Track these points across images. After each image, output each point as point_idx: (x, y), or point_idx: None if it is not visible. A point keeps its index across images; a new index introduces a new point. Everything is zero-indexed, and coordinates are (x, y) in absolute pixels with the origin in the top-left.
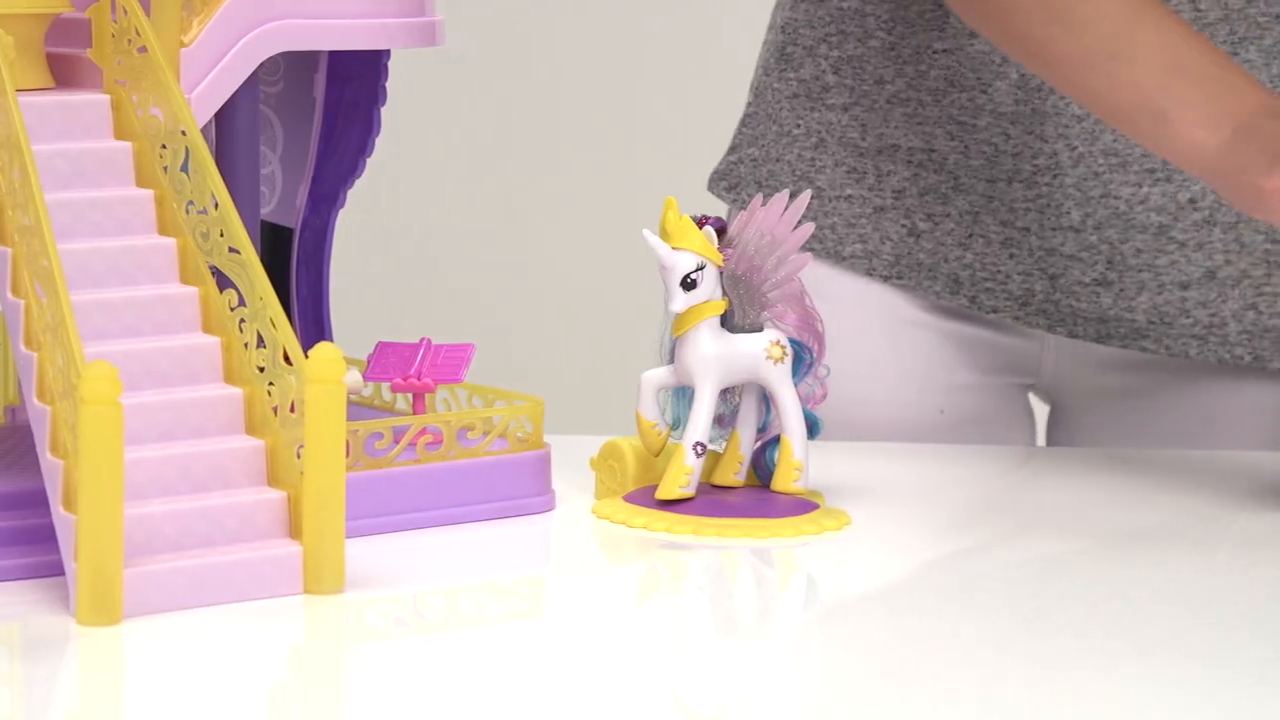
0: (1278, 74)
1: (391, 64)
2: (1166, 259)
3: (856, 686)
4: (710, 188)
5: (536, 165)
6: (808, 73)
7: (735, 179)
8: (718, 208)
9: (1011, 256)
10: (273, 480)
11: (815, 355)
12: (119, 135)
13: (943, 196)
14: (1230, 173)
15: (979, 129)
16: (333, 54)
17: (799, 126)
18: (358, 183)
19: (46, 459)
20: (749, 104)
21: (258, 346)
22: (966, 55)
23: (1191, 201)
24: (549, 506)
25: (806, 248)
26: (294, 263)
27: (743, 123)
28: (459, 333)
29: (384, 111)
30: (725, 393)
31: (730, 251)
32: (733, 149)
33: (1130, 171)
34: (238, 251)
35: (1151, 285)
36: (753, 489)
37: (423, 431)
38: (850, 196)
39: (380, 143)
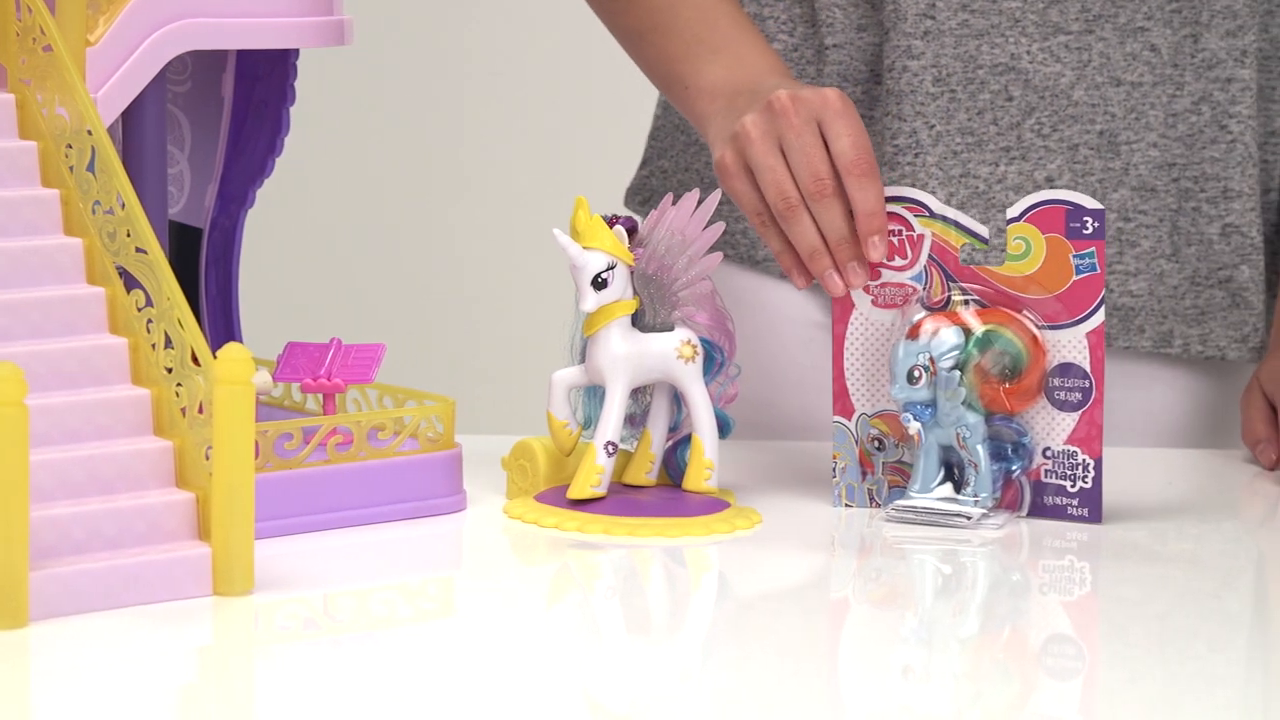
0: (1129, 53)
1: (300, 63)
2: None
3: (768, 684)
4: (626, 203)
5: (446, 165)
6: None
7: (649, 192)
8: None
9: None
10: (181, 481)
11: (726, 354)
12: (24, 135)
13: None
14: (706, 140)
15: (873, 120)
16: (241, 53)
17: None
18: (266, 182)
19: None
20: (656, 117)
21: (165, 347)
22: (856, 49)
23: (1049, 180)
24: (460, 506)
25: (717, 249)
26: (203, 263)
27: (651, 136)
28: (369, 333)
29: (292, 111)
30: (636, 392)
31: (641, 251)
32: (644, 163)
33: (986, 150)
34: (145, 252)
35: None
36: (664, 488)
37: (333, 432)
38: None
39: (289, 142)
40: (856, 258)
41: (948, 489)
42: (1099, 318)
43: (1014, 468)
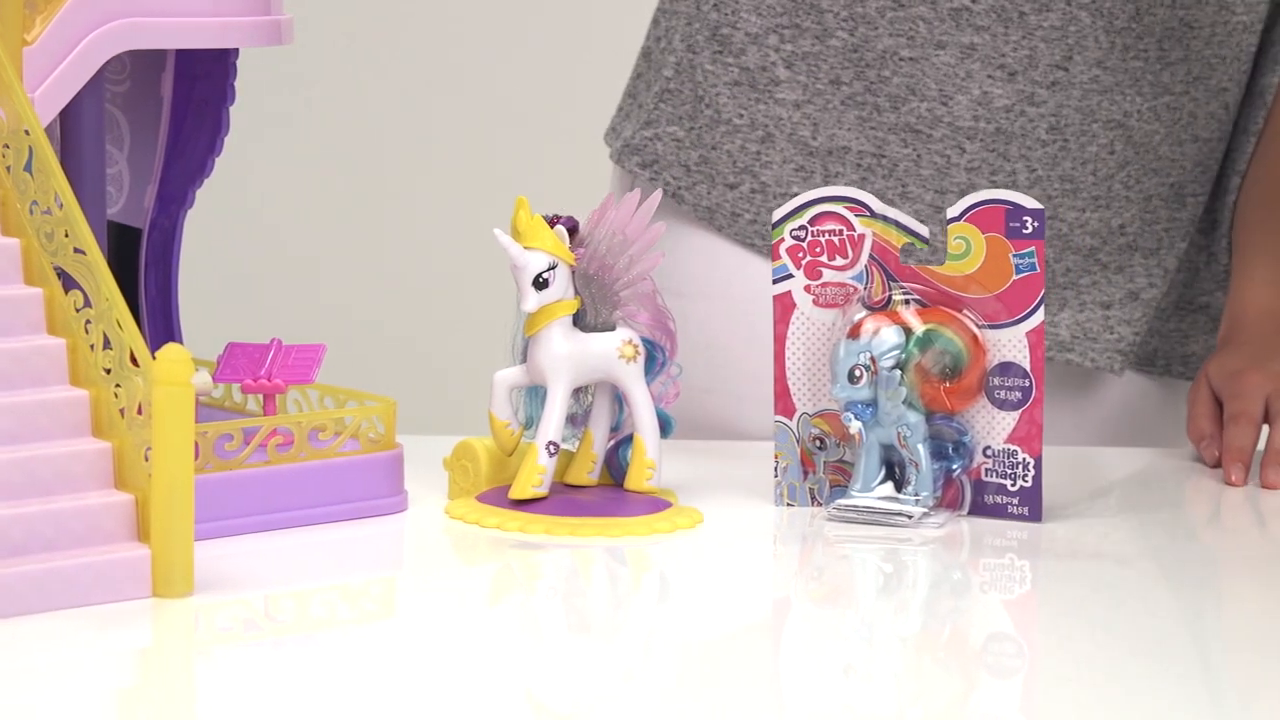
0: (1210, 112)
1: (240, 62)
2: (1089, 279)
3: (710, 683)
4: (621, 160)
5: (387, 164)
6: (752, 61)
7: (653, 155)
8: (570, 206)
9: None
10: (120, 483)
11: (668, 354)
12: None
13: (890, 202)
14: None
15: (934, 139)
16: (180, 53)
17: (741, 117)
18: (206, 183)
19: None
20: (668, 79)
21: (104, 348)
22: (931, 65)
23: (1121, 227)
24: (401, 507)
25: (747, 243)
26: (142, 263)
27: (661, 98)
28: (310, 333)
29: (232, 111)
30: (578, 392)
31: (582, 251)
32: (648, 124)
33: (1079, 198)
34: (83, 252)
35: (1074, 303)
36: (606, 488)
37: (273, 433)
38: (796, 195)
39: (229, 142)
40: None
41: (889, 488)
42: (1039, 317)
43: (955, 466)
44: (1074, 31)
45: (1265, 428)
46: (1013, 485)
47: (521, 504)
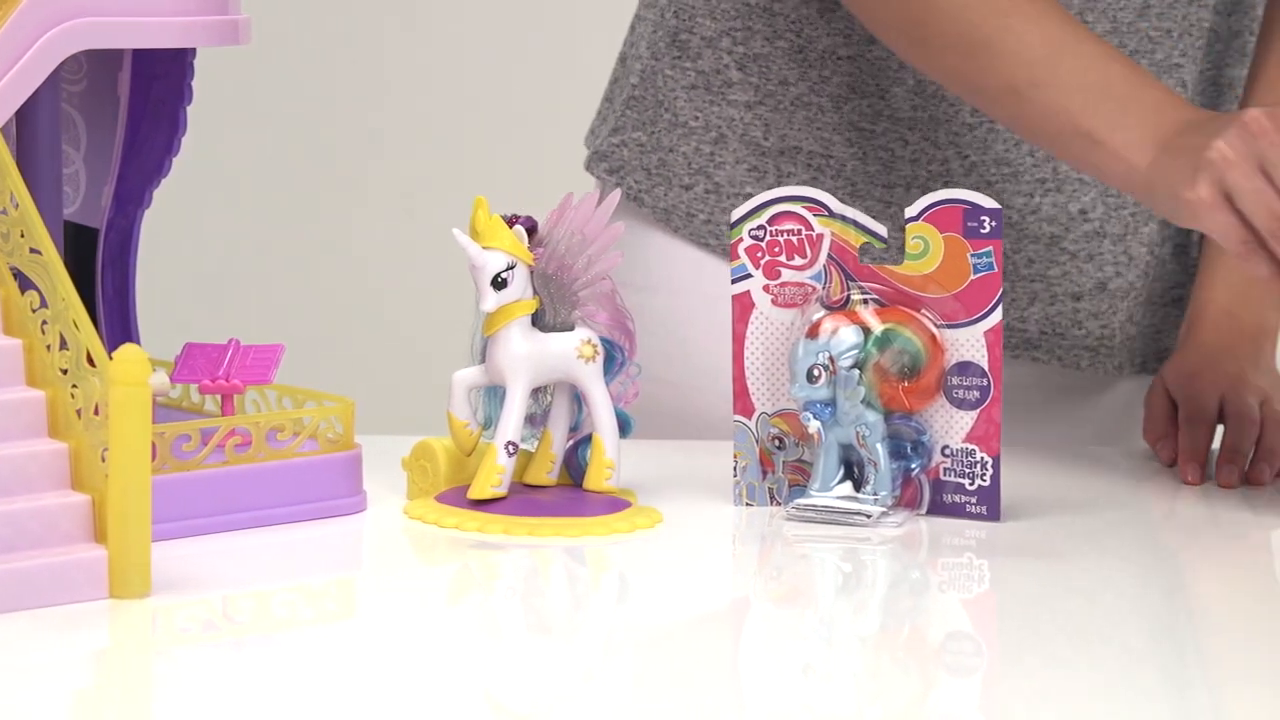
0: (1170, 89)
1: (197, 62)
2: (1058, 269)
3: (670, 683)
4: (589, 168)
5: (345, 164)
6: (707, 65)
7: (619, 161)
8: (529, 206)
9: None
10: (77, 484)
11: (627, 354)
12: None
13: (841, 202)
14: (1160, 189)
15: (876, 134)
16: (137, 52)
17: (697, 119)
18: (164, 183)
19: None
20: (634, 86)
21: (60, 349)
22: (867, 61)
23: (1082, 213)
24: (360, 508)
25: (702, 243)
26: (99, 264)
27: (627, 105)
28: (268, 334)
29: (190, 110)
30: (537, 392)
31: (541, 251)
32: (615, 130)
33: (1022, 181)
34: (39, 252)
35: (1044, 296)
36: (565, 488)
37: (231, 433)
38: (750, 195)
39: (186, 142)
40: None
41: (847, 487)
42: (996, 316)
43: (913, 466)
44: None
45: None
46: (971, 484)
47: (480, 504)
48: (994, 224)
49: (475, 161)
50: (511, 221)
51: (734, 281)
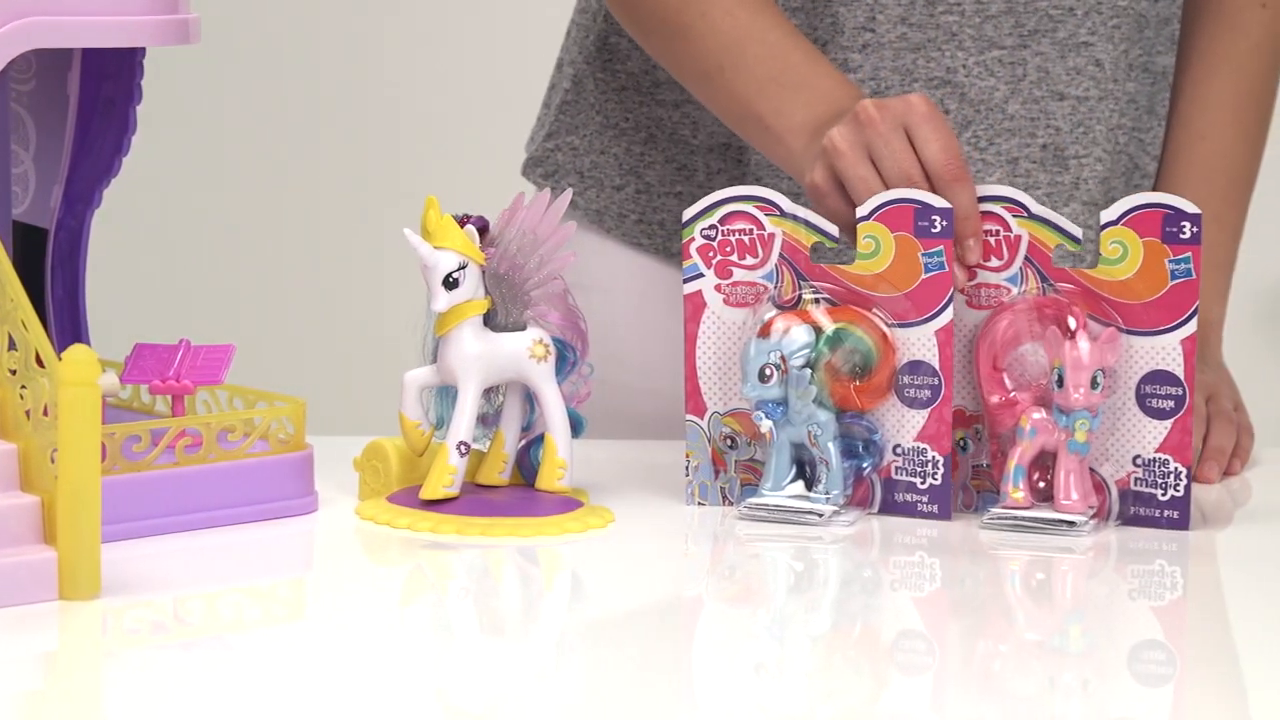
0: (1073, 67)
1: (147, 61)
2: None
3: (622, 683)
4: (525, 174)
5: (295, 164)
6: (636, 66)
7: (553, 166)
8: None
9: None
10: (26, 485)
11: (579, 354)
12: None
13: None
14: (799, 176)
15: None
16: (87, 52)
17: (627, 120)
18: (114, 183)
19: None
20: (566, 91)
21: (9, 349)
22: None
23: None
24: (311, 508)
25: (634, 243)
26: (48, 264)
27: (560, 109)
28: (218, 334)
29: (140, 110)
30: (489, 392)
31: (492, 250)
32: (550, 135)
33: None
34: None
35: None
36: (517, 488)
37: (182, 434)
38: (680, 194)
39: (136, 142)
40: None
41: (799, 486)
42: (947, 315)
43: (865, 465)
44: None
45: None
46: (922, 483)
47: (432, 504)
48: (945, 223)
49: (427, 161)
50: (463, 221)
51: (686, 281)
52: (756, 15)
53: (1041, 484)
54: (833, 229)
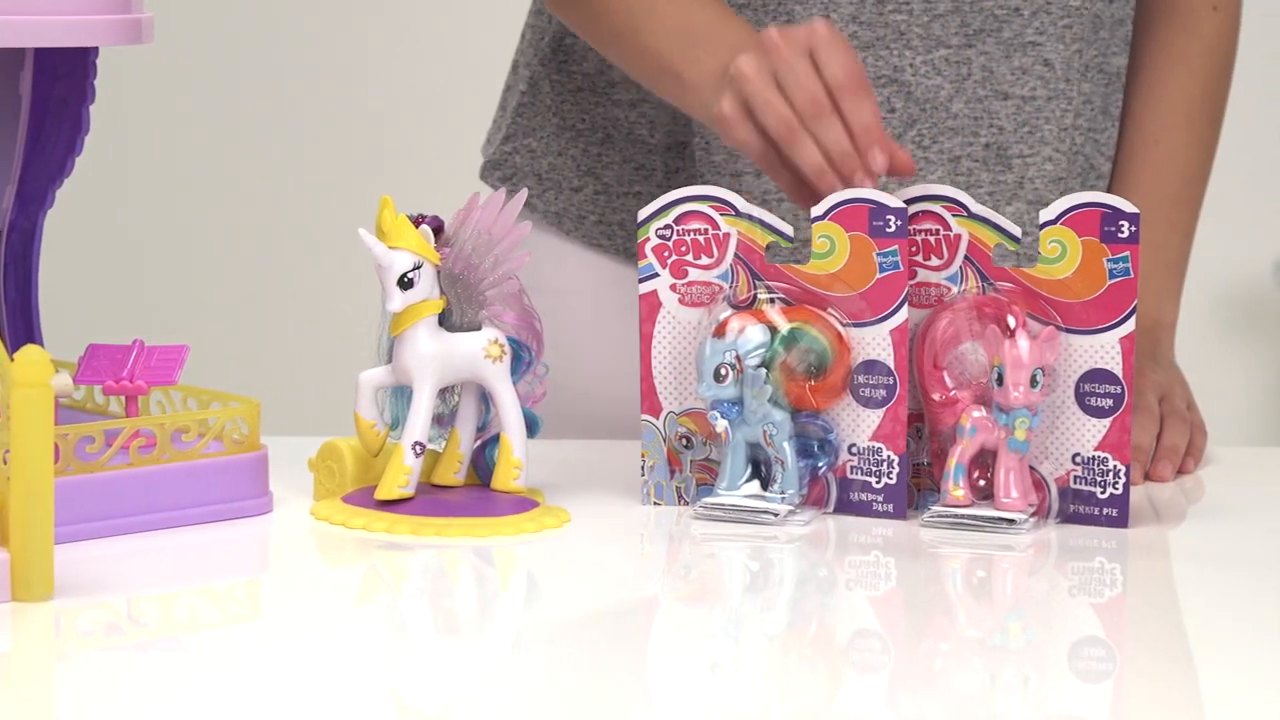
0: (1018, 66)
1: (100, 61)
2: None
3: (578, 682)
4: (483, 177)
5: (249, 164)
6: (592, 67)
7: (511, 169)
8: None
9: None
10: None
11: (534, 354)
12: None
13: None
14: (714, 116)
15: None
16: (39, 51)
17: (584, 121)
18: (67, 182)
19: None
20: (522, 94)
21: None
22: None
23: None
24: (266, 509)
25: (594, 244)
26: (1, 264)
27: (517, 112)
28: (172, 334)
29: (93, 110)
30: (444, 392)
31: (447, 251)
32: (507, 138)
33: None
34: None
35: None
36: (473, 488)
37: (135, 434)
38: (639, 194)
39: (89, 142)
40: (860, 169)
41: (755, 486)
42: (902, 315)
43: (820, 464)
44: None
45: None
46: (878, 482)
47: (388, 505)
48: (900, 223)
49: (381, 161)
50: (418, 221)
51: (641, 281)
52: None
53: (982, 482)
54: (788, 228)
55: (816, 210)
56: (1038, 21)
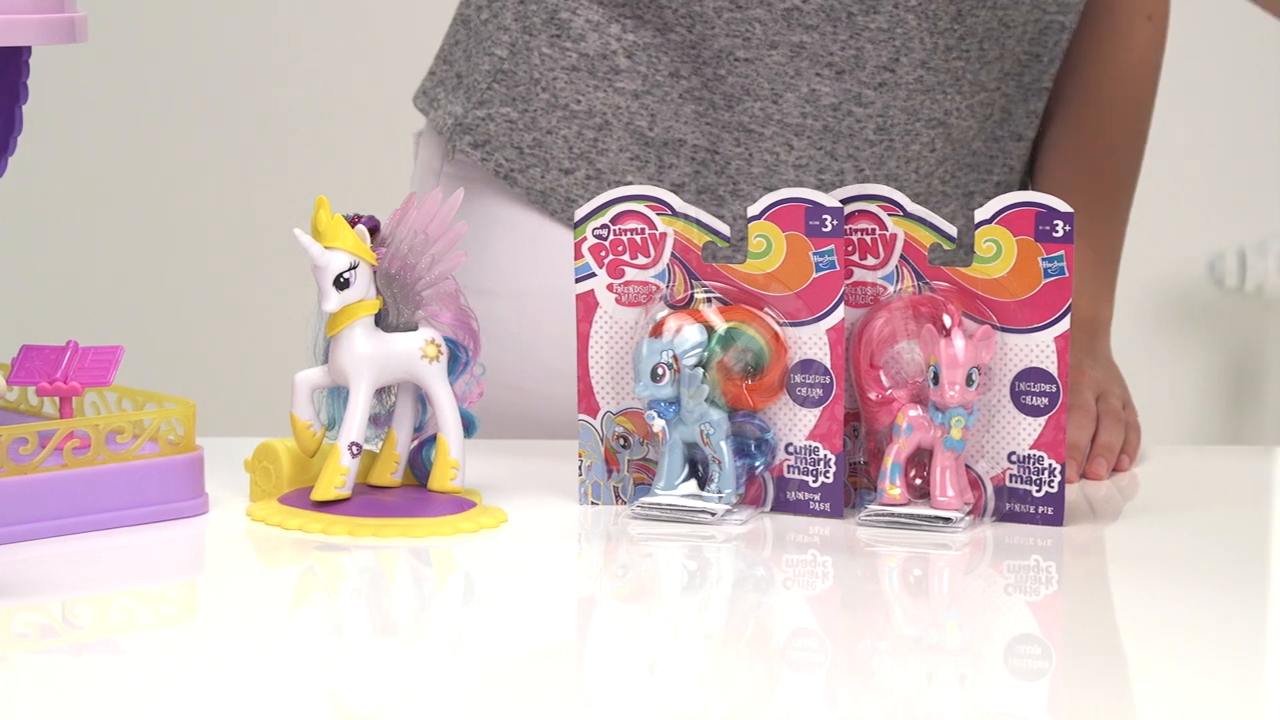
0: (1032, 110)
1: (33, 60)
2: None
3: (516, 682)
4: (453, 139)
5: (183, 164)
6: (592, 48)
7: (485, 136)
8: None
9: None
10: None
11: (471, 354)
12: None
13: (719, 199)
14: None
15: (765, 137)
16: None
17: (579, 103)
18: (0, 182)
19: None
20: (502, 59)
21: None
22: (764, 65)
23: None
24: (202, 510)
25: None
26: None
27: (494, 78)
28: (106, 334)
29: (25, 109)
30: (381, 392)
31: (384, 250)
32: (482, 103)
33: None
34: None
35: None
36: (410, 488)
37: (70, 436)
38: (630, 184)
39: (22, 141)
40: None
41: (692, 486)
42: (839, 314)
43: (757, 464)
44: (900, 33)
45: None
46: (814, 481)
47: (324, 505)
48: (835, 223)
49: (317, 161)
50: (354, 221)
51: (578, 281)
52: None
53: (918, 481)
54: (725, 229)
55: (753, 210)
56: (1053, 69)
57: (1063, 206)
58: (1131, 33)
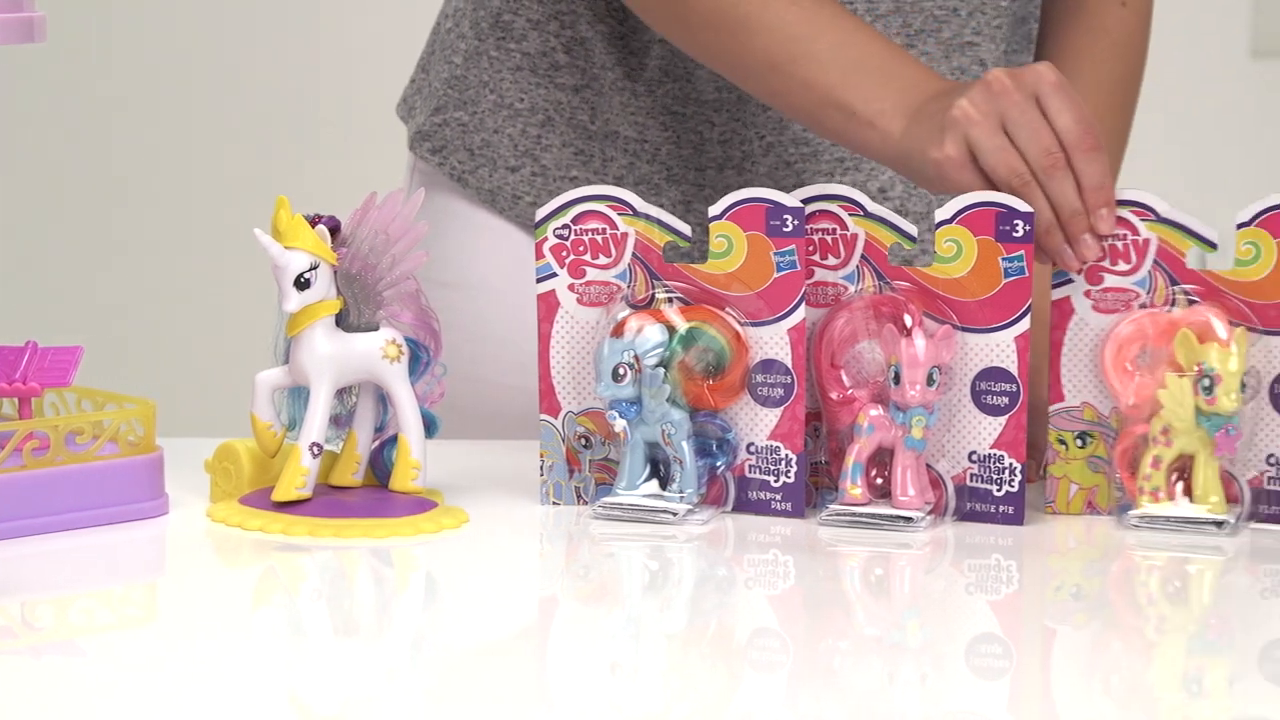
0: (957, 66)
1: None
2: None
3: (477, 682)
4: (412, 147)
5: (145, 163)
6: (533, 47)
7: (441, 141)
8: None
9: None
10: None
11: (432, 354)
12: None
13: (656, 187)
14: (912, 155)
15: (687, 117)
16: None
17: (523, 101)
18: None
19: None
20: (456, 65)
21: None
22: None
23: (881, 191)
24: (162, 511)
25: (528, 225)
26: None
27: (449, 84)
28: (66, 335)
29: None
30: (342, 392)
31: (344, 251)
32: (438, 109)
33: (821, 161)
34: None
35: None
36: (371, 489)
37: (29, 437)
38: (575, 178)
39: None
40: (1088, 230)
41: (654, 485)
42: (799, 314)
43: (718, 464)
44: None
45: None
46: (776, 481)
47: (285, 506)
48: (796, 223)
49: (278, 160)
50: (314, 221)
51: (539, 281)
52: (823, 3)
53: (880, 480)
54: (685, 228)
55: (714, 210)
56: (974, 22)
57: (1023, 206)
58: (1104, 21)
